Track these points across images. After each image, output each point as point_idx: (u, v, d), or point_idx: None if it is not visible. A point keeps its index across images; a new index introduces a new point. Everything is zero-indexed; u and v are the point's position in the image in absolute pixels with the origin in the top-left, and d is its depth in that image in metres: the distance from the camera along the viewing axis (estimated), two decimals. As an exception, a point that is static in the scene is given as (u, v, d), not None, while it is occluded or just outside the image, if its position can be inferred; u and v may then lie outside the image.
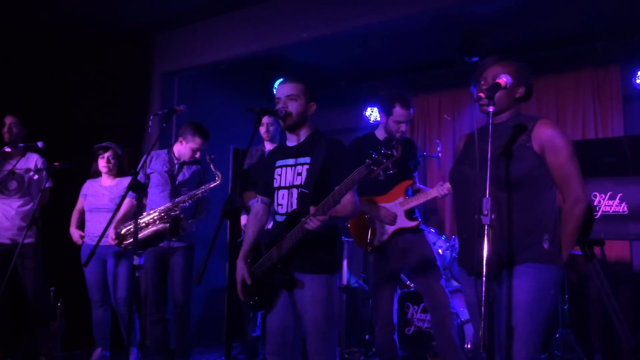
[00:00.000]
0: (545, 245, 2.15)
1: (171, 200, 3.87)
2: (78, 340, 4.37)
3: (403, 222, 3.36)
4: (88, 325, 4.29)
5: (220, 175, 3.90)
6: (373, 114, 5.88)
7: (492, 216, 1.94)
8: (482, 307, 1.88)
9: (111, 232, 3.86)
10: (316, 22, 4.52)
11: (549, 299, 2.14)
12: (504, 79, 2.16)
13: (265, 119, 4.29)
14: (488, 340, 1.93)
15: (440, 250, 4.38)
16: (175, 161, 4.05)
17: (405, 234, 3.38)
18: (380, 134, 3.49)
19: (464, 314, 3.87)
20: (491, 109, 2.07)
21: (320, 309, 2.51)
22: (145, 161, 3.83)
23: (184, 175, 4.02)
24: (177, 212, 3.78)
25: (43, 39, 4.97)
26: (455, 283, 4.39)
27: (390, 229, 3.37)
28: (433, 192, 3.36)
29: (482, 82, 2.31)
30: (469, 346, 3.79)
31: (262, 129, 4.33)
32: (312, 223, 2.39)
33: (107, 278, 4.23)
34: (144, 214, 3.88)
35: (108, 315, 4.31)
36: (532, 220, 2.16)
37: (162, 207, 3.85)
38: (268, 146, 4.39)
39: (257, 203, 2.85)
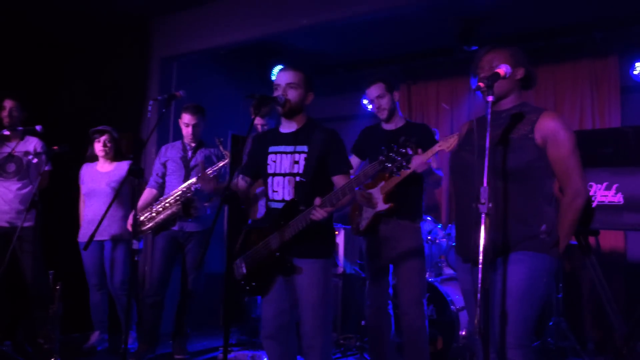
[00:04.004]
0: (542, 236, 2.17)
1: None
2: (76, 323, 4.40)
3: (380, 206, 3.28)
4: (86, 309, 4.33)
5: (228, 154, 3.94)
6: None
7: (490, 205, 1.96)
8: (478, 294, 1.91)
9: (130, 219, 3.93)
10: (315, 8, 4.51)
11: (542, 287, 2.17)
12: (503, 69, 2.17)
13: (259, 121, 4.19)
14: (483, 327, 1.96)
15: (436, 239, 4.41)
16: (188, 147, 4.11)
17: (388, 222, 3.30)
18: (388, 124, 3.42)
19: (459, 302, 3.92)
20: (490, 98, 2.09)
21: (317, 292, 2.57)
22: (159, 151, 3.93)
23: (196, 159, 4.09)
24: (190, 194, 3.86)
25: (41, 22, 4.93)
26: (450, 271, 4.43)
27: (369, 213, 3.34)
28: (406, 172, 3.10)
29: (480, 71, 2.33)
30: (463, 333, 3.83)
31: (258, 128, 4.33)
32: (319, 214, 2.44)
33: (104, 262, 4.26)
34: (161, 200, 3.97)
35: (106, 298, 4.35)
36: (529, 210, 2.18)
37: (175, 191, 3.91)
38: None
39: (238, 179, 2.87)
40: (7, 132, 4.11)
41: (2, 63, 4.50)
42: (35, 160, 4.13)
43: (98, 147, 4.29)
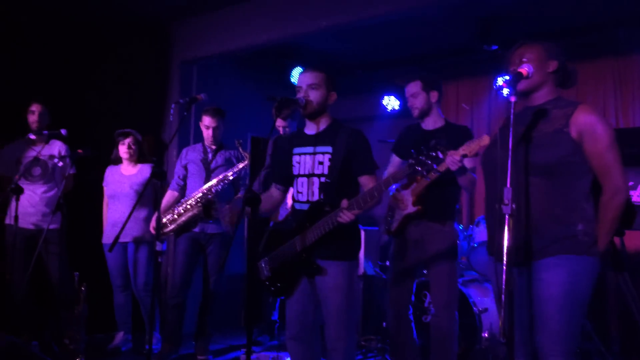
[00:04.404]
0: (580, 236, 2.09)
1: None
2: (101, 324, 4.46)
3: (409, 208, 3.27)
4: (111, 310, 4.39)
5: (247, 156, 3.98)
6: (390, 102, 5.87)
7: (513, 206, 1.94)
8: (502, 295, 1.89)
9: (153, 222, 4.00)
10: (334, 10, 4.51)
11: (583, 291, 2.08)
12: (525, 68, 2.15)
13: (280, 122, 4.19)
14: (508, 329, 1.94)
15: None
16: (209, 149, 4.15)
17: (418, 224, 3.27)
18: (426, 124, 3.38)
19: (482, 303, 3.89)
20: (513, 99, 2.07)
21: (341, 295, 2.57)
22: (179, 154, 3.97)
23: (216, 161, 4.13)
24: (211, 196, 3.91)
25: (63, 28, 5.02)
26: (472, 272, 4.40)
27: (399, 215, 3.33)
28: (442, 167, 3.04)
29: (511, 65, 2.28)
30: (485, 335, 3.81)
31: (280, 130, 4.35)
32: (346, 217, 2.43)
33: (128, 264, 4.32)
34: (182, 202, 4.03)
35: (129, 300, 4.41)
36: (565, 209, 2.10)
37: (196, 193, 3.95)
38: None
39: (272, 189, 2.90)
40: (33, 136, 4.19)
41: (29, 69, 4.59)
42: (60, 164, 4.20)
43: (122, 150, 4.35)
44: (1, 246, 4.18)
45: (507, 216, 1.93)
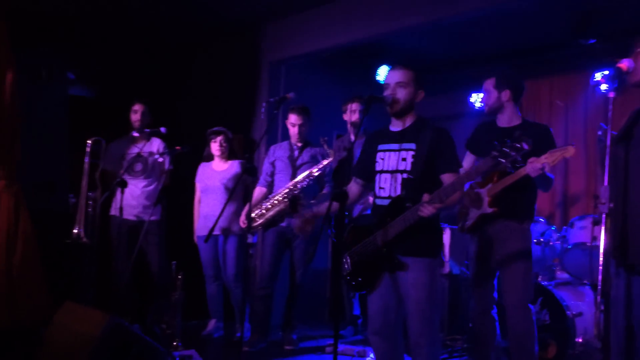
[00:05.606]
0: None
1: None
2: (195, 311, 4.67)
3: (484, 209, 3.21)
4: (204, 298, 4.61)
5: (332, 153, 4.07)
6: (478, 100, 5.75)
7: (611, 205, 1.88)
8: (599, 297, 1.84)
9: (243, 216, 4.20)
10: (420, 8, 4.49)
11: None
12: (625, 63, 2.07)
13: (355, 105, 4.36)
14: (604, 333, 1.87)
15: (549, 241, 4.24)
16: (295, 147, 4.29)
17: (494, 223, 3.21)
18: (501, 121, 3.34)
19: (576, 307, 3.74)
20: (611, 95, 2.00)
21: (423, 291, 2.56)
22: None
23: (302, 158, 4.26)
24: (297, 192, 4.04)
25: (159, 32, 5.35)
26: (565, 275, 4.23)
27: (475, 213, 3.28)
28: (522, 171, 3.01)
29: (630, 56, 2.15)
30: (580, 340, 3.66)
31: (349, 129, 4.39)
32: (427, 210, 2.43)
33: (218, 255, 4.53)
34: (269, 197, 4.19)
35: (221, 289, 4.60)
36: None
37: (283, 189, 4.10)
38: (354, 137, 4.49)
39: (351, 183, 2.92)
40: (136, 134, 4.51)
41: (131, 72, 4.94)
42: (161, 160, 4.48)
43: (214, 147, 4.57)
44: (107, 236, 4.53)
45: (604, 215, 1.87)
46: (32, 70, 4.65)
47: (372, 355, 3.10)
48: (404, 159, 2.65)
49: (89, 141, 4.34)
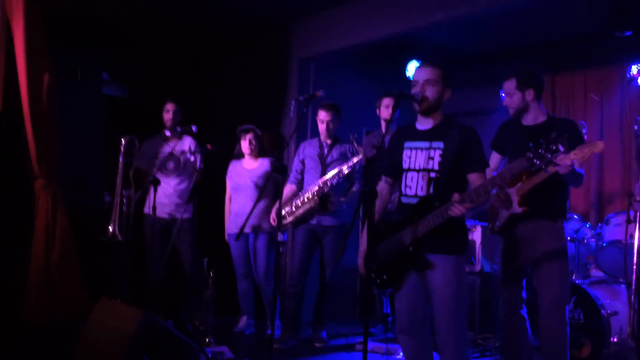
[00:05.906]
0: None
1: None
2: (227, 308, 4.73)
3: (514, 208, 3.16)
4: (235, 295, 4.67)
5: (362, 151, 4.07)
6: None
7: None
8: (632, 296, 1.80)
9: (273, 213, 4.25)
10: (451, 2, 4.43)
11: None
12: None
13: (387, 101, 4.37)
14: (638, 332, 1.84)
15: (584, 239, 4.15)
16: (324, 144, 4.31)
17: (527, 223, 3.15)
18: (526, 119, 3.27)
19: (611, 306, 3.66)
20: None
21: (450, 288, 2.56)
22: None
23: (332, 156, 4.28)
24: (327, 190, 4.07)
25: (190, 32, 5.42)
26: (599, 273, 4.14)
27: (504, 213, 3.23)
28: (551, 169, 2.87)
29: None
30: (615, 339, 3.58)
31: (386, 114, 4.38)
32: (457, 210, 2.43)
33: (249, 253, 4.58)
34: (299, 195, 4.22)
35: (251, 287, 4.66)
36: None
37: (313, 187, 4.13)
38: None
39: (381, 182, 2.92)
40: (168, 133, 4.59)
41: (164, 71, 5.02)
42: (192, 158, 4.55)
43: (244, 145, 4.61)
44: (140, 234, 4.63)
45: (638, 213, 1.83)
46: (69, 72, 4.79)
47: (401, 353, 3.09)
48: (431, 158, 2.64)
49: (122, 140, 4.43)
